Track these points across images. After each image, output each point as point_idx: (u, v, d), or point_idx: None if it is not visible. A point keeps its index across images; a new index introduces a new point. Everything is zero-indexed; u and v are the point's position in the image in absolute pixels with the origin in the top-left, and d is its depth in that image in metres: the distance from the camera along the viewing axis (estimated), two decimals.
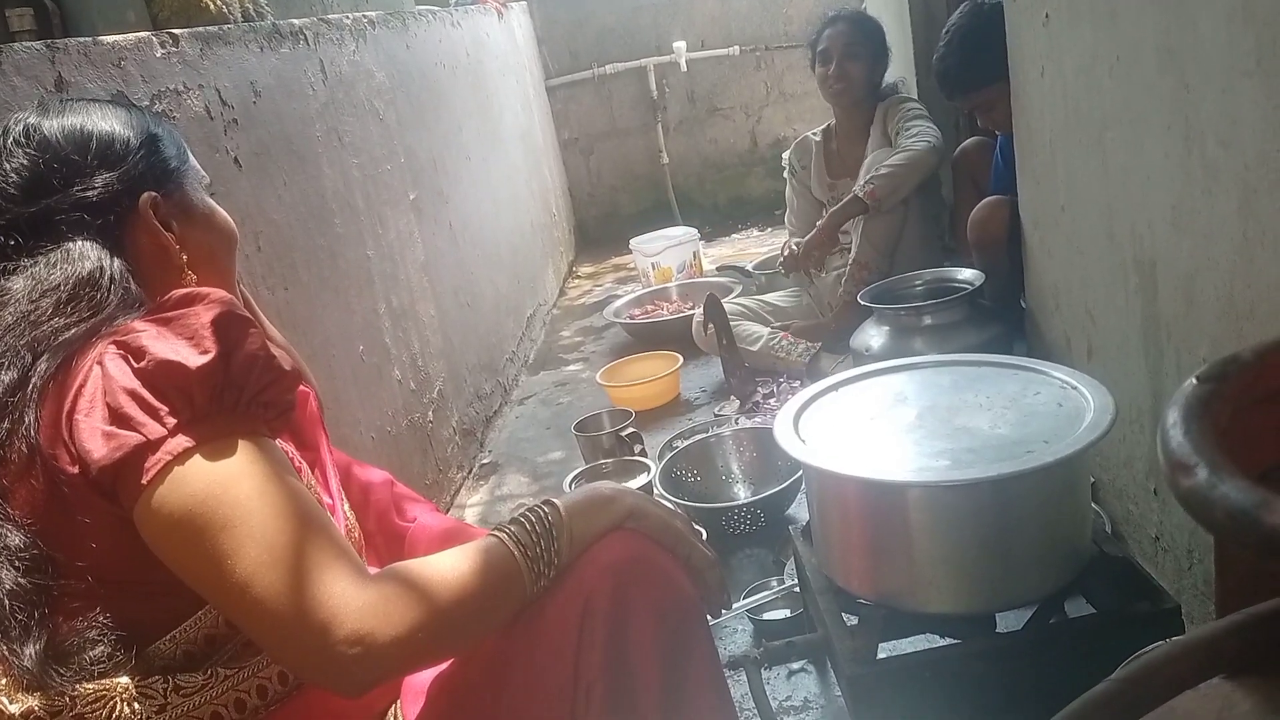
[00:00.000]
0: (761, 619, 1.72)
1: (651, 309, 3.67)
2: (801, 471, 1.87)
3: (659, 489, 2.13)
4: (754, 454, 2.27)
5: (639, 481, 2.09)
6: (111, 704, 0.79)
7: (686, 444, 2.31)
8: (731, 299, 3.15)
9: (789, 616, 1.69)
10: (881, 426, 1.30)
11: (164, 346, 0.80)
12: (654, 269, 4.00)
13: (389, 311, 2.29)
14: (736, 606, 1.70)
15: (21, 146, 0.91)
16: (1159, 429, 0.52)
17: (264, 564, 0.76)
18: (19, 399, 0.81)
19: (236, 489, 0.78)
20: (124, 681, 0.80)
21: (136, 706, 0.79)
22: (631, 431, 2.34)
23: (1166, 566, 1.48)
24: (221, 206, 1.05)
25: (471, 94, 3.49)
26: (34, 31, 1.56)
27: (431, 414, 2.46)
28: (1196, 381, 0.55)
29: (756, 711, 1.29)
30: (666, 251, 3.99)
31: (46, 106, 0.95)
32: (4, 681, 0.78)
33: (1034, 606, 1.25)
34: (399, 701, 1.02)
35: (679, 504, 2.05)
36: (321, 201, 2.01)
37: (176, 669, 0.83)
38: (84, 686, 0.78)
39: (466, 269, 3.03)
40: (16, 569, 0.79)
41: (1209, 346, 1.22)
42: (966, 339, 2.14)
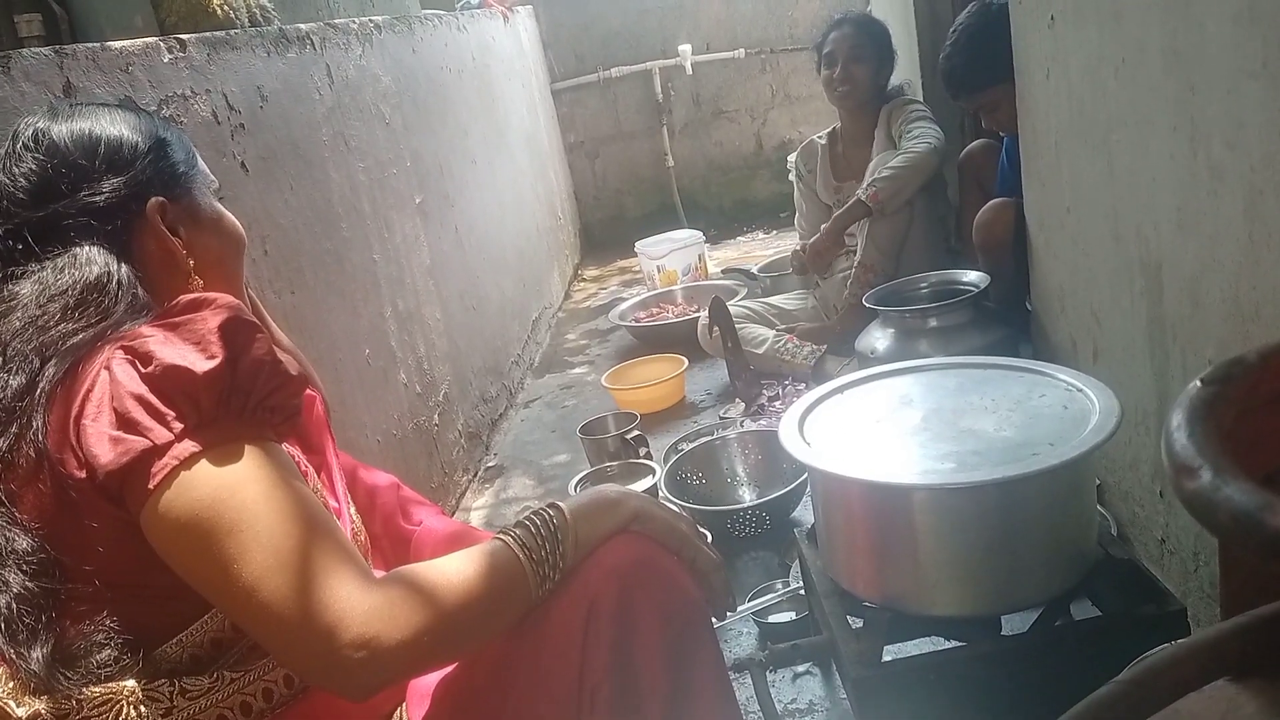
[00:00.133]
0: (767, 622, 1.72)
1: (657, 312, 3.67)
2: (807, 474, 1.87)
3: (664, 492, 2.13)
4: (759, 457, 2.27)
5: (644, 484, 2.08)
6: (118, 707, 0.79)
7: (692, 447, 2.32)
8: (737, 302, 3.15)
9: (794, 619, 1.69)
10: (887, 429, 1.30)
11: (171, 351, 0.80)
12: (659, 272, 4.00)
13: (395, 315, 2.30)
14: (742, 609, 1.70)
15: (30, 151, 0.91)
16: (1163, 431, 0.52)
17: (270, 568, 0.76)
18: (27, 404, 0.82)
19: (243, 493, 0.78)
20: (130, 685, 0.80)
21: (143, 710, 0.80)
22: (637, 434, 2.34)
23: (1172, 569, 1.48)
24: (228, 211, 1.05)
25: (477, 98, 3.50)
26: (42, 37, 1.57)
27: (437, 417, 2.46)
28: (1201, 384, 0.55)
29: (761, 714, 1.29)
30: (672, 254, 3.99)
31: (56, 111, 0.96)
32: (11, 685, 0.79)
33: (1039, 609, 1.25)
34: (404, 704, 1.02)
35: (684, 507, 2.05)
36: (328, 206, 2.02)
37: (183, 672, 0.84)
38: (91, 690, 0.79)
39: (472, 272, 3.04)
40: (24, 573, 0.79)
41: (1215, 348, 1.22)
42: (972, 341, 2.13)
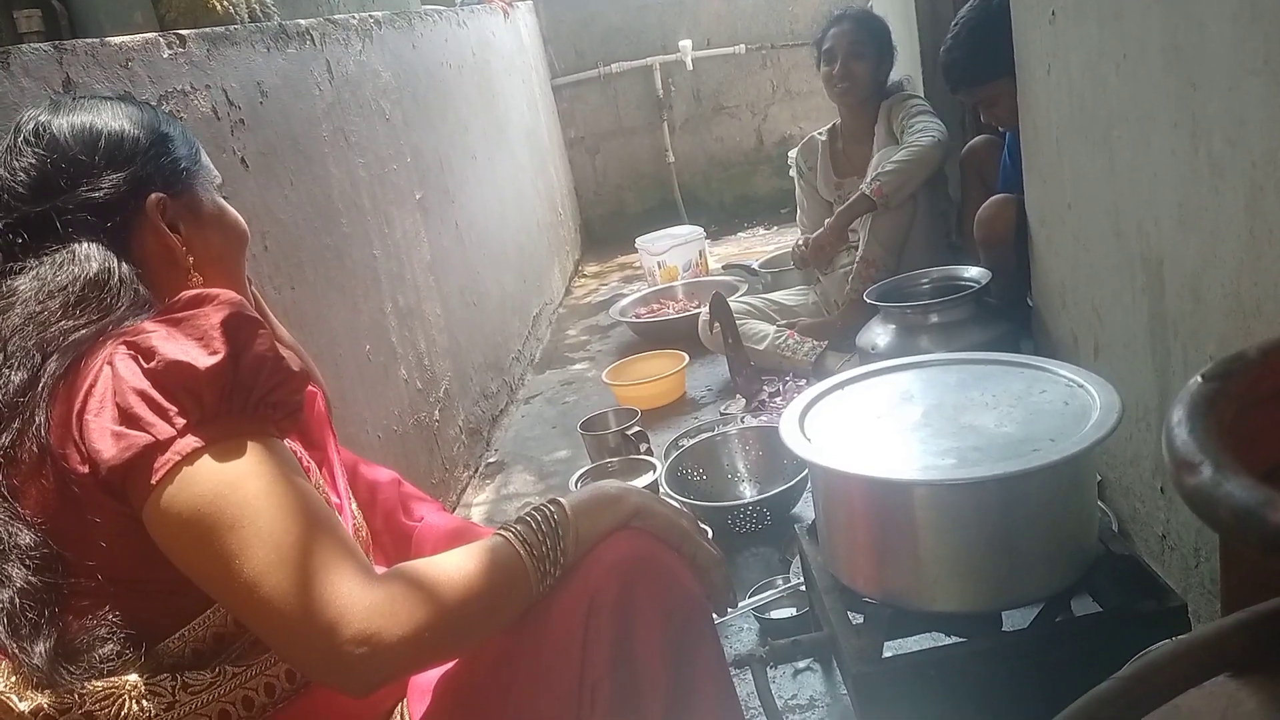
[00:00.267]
0: (767, 617, 1.72)
1: (657, 308, 3.66)
2: (807, 470, 1.87)
3: (665, 487, 2.13)
4: (760, 452, 2.27)
5: (645, 480, 2.09)
6: (120, 701, 0.79)
7: (692, 443, 2.32)
8: (737, 297, 3.15)
9: (794, 615, 1.69)
10: (887, 425, 1.30)
11: (174, 347, 0.80)
12: (660, 268, 3.99)
13: (395, 311, 2.30)
14: (742, 605, 1.70)
15: (31, 145, 0.91)
16: (1164, 427, 0.52)
17: (271, 564, 0.77)
18: (29, 399, 0.82)
19: (244, 489, 0.78)
20: (133, 679, 0.80)
21: (145, 704, 0.80)
22: (637, 430, 2.34)
23: (1173, 565, 1.48)
24: (231, 206, 1.05)
25: (477, 93, 3.49)
26: (42, 33, 1.57)
27: (438, 413, 2.46)
28: (1201, 380, 0.55)
29: (762, 710, 1.29)
30: (672, 250, 3.98)
31: (58, 104, 0.95)
32: (14, 679, 0.79)
33: (1040, 605, 1.25)
34: (405, 700, 1.02)
35: (685, 503, 2.05)
36: (328, 201, 2.02)
37: (185, 667, 0.84)
38: (93, 684, 0.79)
39: (472, 268, 3.04)
40: (27, 567, 0.79)
41: (1216, 344, 1.22)
42: (973, 337, 2.13)
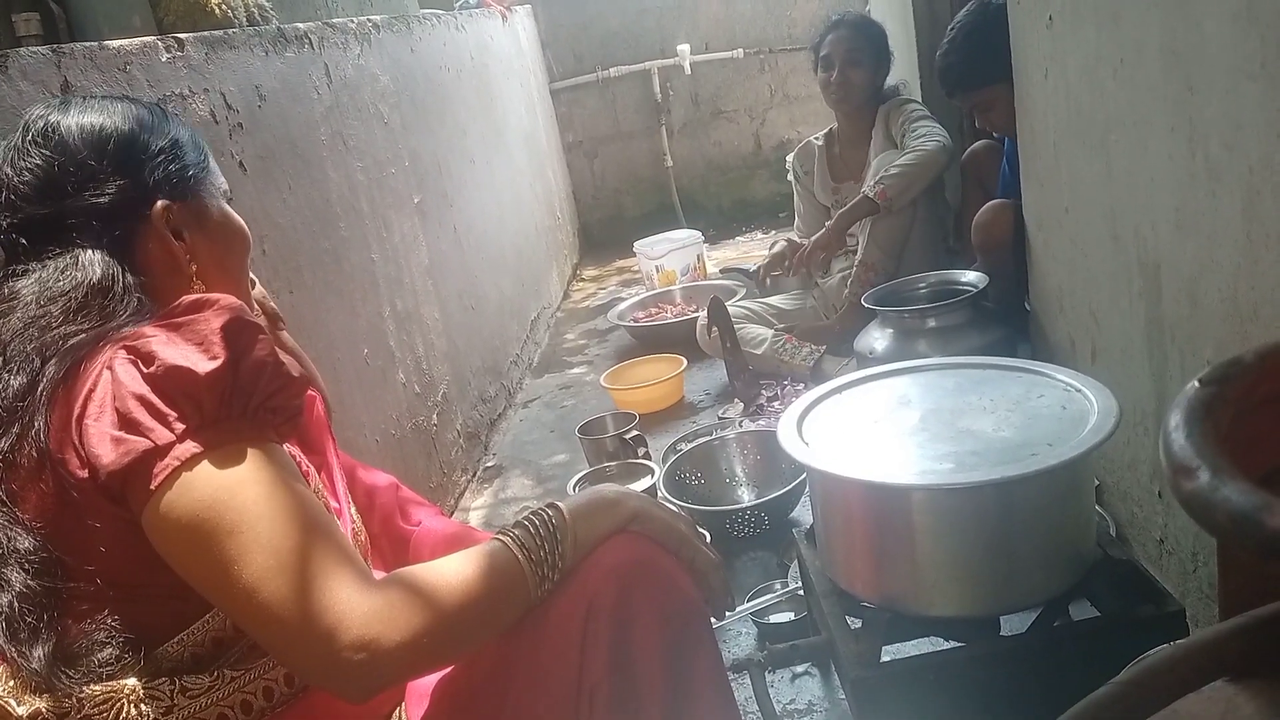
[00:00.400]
0: (765, 622, 1.72)
1: (655, 312, 3.67)
2: (805, 474, 1.87)
3: (663, 492, 2.13)
4: (758, 457, 2.27)
5: (643, 484, 2.09)
6: (119, 705, 0.79)
7: (690, 447, 2.32)
8: (735, 302, 3.15)
9: (793, 620, 1.69)
10: (885, 429, 1.30)
11: (173, 352, 0.80)
12: (658, 272, 4.00)
13: (393, 315, 2.30)
14: (740, 609, 1.70)
15: (38, 146, 0.90)
16: (1161, 432, 0.52)
17: (270, 570, 0.76)
18: (28, 404, 0.81)
19: (243, 495, 0.78)
20: (131, 683, 0.80)
21: (144, 708, 0.80)
22: (635, 434, 2.34)
23: (1171, 569, 1.48)
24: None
25: (476, 97, 3.49)
26: (40, 36, 1.56)
27: (436, 417, 2.46)
28: (1199, 384, 0.55)
29: (760, 715, 1.29)
30: (670, 254, 3.99)
31: (68, 103, 0.94)
32: (12, 684, 0.79)
33: (1038, 609, 1.25)
34: (403, 704, 1.02)
35: (683, 507, 2.05)
36: (326, 205, 2.02)
37: (184, 671, 0.84)
38: (91, 688, 0.79)
39: (471, 272, 3.04)
40: (26, 571, 0.79)
41: (1213, 349, 1.22)
42: (970, 342, 2.13)
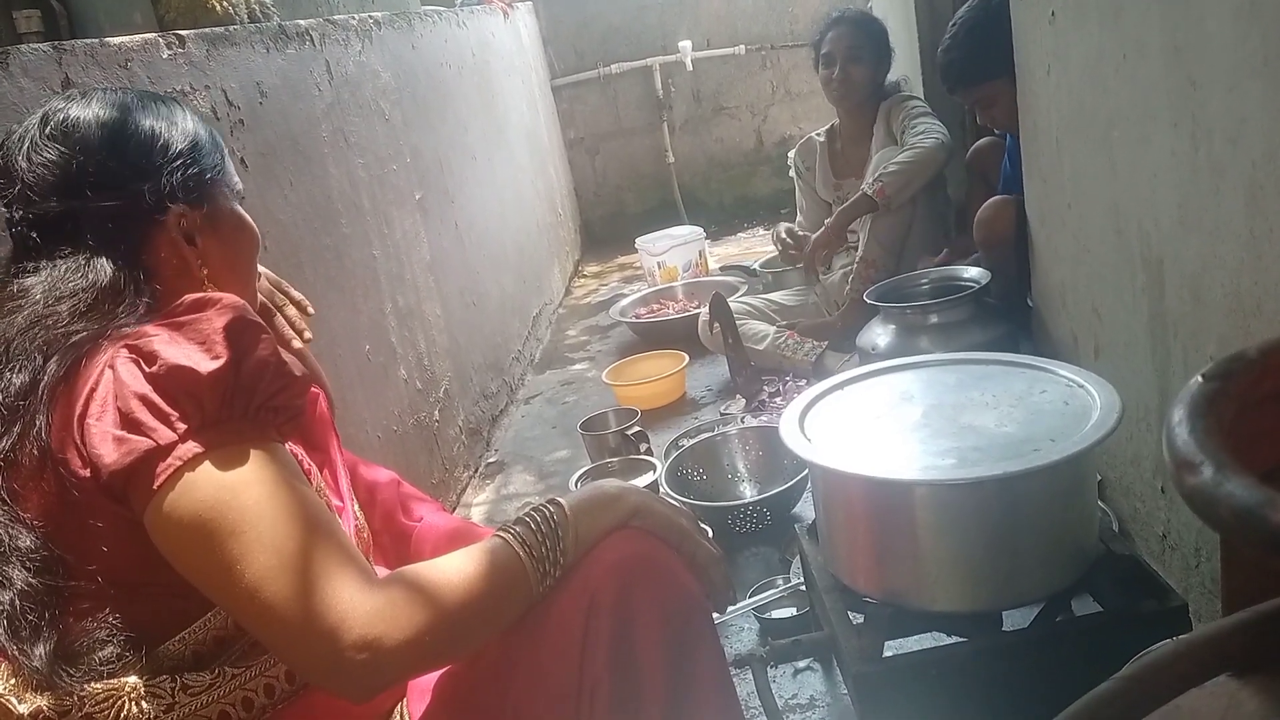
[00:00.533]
0: (767, 617, 1.72)
1: (657, 308, 3.66)
2: (807, 470, 1.87)
3: (665, 487, 2.13)
4: (760, 452, 2.27)
5: (645, 480, 2.09)
6: (120, 703, 0.79)
7: (692, 443, 2.32)
8: (737, 298, 3.15)
9: (795, 615, 1.69)
10: (887, 425, 1.30)
11: (176, 351, 0.80)
12: (660, 268, 3.99)
13: (395, 311, 2.30)
14: (742, 605, 1.70)
15: (56, 141, 0.89)
16: (1164, 427, 0.52)
17: (272, 569, 0.77)
18: (30, 402, 0.81)
19: (246, 495, 0.78)
20: (132, 681, 0.80)
21: (145, 705, 0.80)
22: (637, 430, 2.34)
23: (1174, 564, 1.48)
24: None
25: (477, 94, 3.49)
26: (41, 33, 1.56)
27: (438, 413, 2.46)
28: (1202, 379, 0.55)
29: (762, 710, 1.29)
30: (672, 250, 3.98)
31: (90, 96, 0.93)
32: (13, 681, 0.79)
33: (1040, 604, 1.25)
34: (405, 700, 1.02)
35: (685, 502, 2.05)
36: (328, 202, 2.01)
37: (185, 669, 0.84)
38: (93, 686, 0.79)
39: (472, 269, 3.03)
40: (27, 570, 0.79)
41: (1216, 344, 1.21)
42: (973, 337, 2.13)
